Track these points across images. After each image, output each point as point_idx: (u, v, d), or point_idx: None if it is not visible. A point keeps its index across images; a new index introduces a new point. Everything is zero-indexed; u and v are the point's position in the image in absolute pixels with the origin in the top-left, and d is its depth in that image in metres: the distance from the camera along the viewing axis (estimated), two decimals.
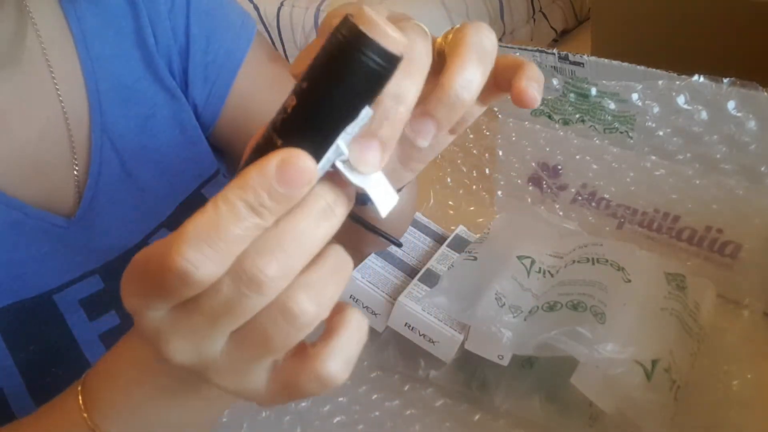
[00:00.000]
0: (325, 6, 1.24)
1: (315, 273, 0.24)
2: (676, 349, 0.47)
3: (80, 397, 0.33)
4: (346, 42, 0.22)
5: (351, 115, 0.23)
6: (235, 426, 0.51)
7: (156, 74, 0.54)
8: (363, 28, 0.21)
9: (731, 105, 0.50)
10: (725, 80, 0.50)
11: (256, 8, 1.33)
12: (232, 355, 0.26)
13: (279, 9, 1.30)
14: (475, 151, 0.73)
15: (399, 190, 0.42)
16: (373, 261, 0.57)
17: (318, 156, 0.23)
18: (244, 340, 0.25)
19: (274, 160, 0.22)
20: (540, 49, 0.61)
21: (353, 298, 0.55)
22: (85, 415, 0.33)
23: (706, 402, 0.48)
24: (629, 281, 0.51)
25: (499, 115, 0.67)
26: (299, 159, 0.22)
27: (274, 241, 0.23)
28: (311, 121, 0.23)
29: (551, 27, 1.33)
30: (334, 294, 0.25)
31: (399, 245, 0.45)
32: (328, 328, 0.27)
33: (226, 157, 0.63)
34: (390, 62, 0.22)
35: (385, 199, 0.26)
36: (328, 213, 0.24)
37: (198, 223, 0.22)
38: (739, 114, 0.50)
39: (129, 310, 0.26)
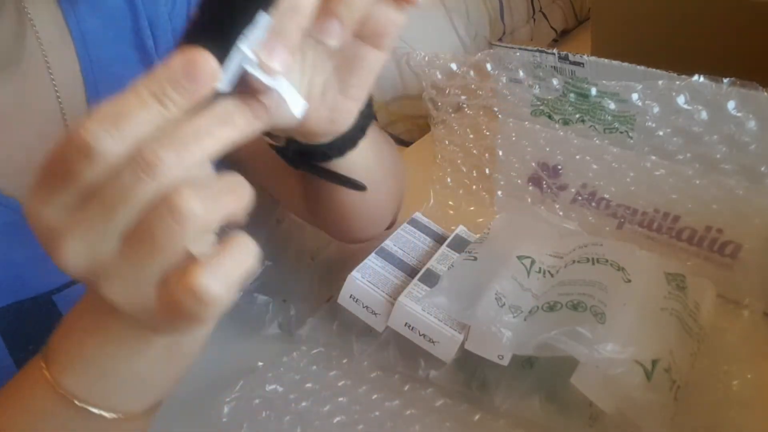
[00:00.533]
0: None
1: (209, 180, 0.26)
2: (676, 349, 0.47)
3: (44, 356, 0.33)
4: None
5: (246, 18, 0.26)
6: (235, 426, 0.51)
7: None
8: None
9: (731, 105, 0.50)
10: (725, 80, 0.50)
11: None
12: (122, 258, 0.26)
13: None
14: (475, 151, 0.73)
15: (357, 139, 0.44)
16: (373, 261, 0.57)
17: (220, 58, 0.26)
18: (134, 238, 0.26)
19: (180, 56, 0.25)
20: (540, 49, 0.61)
21: (353, 298, 0.55)
22: (46, 372, 0.33)
23: (706, 402, 0.48)
24: (629, 281, 0.51)
25: (499, 115, 0.67)
26: (200, 56, 0.24)
27: (174, 132, 0.25)
28: (211, 26, 0.26)
29: (551, 27, 1.33)
30: (225, 206, 0.26)
31: (362, 188, 0.46)
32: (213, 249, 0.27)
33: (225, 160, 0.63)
34: None
35: (296, 101, 0.30)
36: (228, 119, 0.27)
37: (107, 106, 0.25)
38: (739, 114, 0.50)
39: (29, 216, 0.27)
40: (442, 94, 0.69)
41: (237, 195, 0.27)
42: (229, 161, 0.61)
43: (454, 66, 0.65)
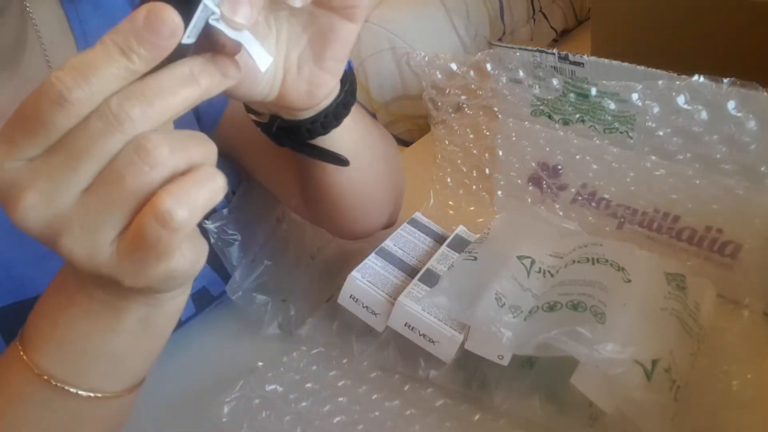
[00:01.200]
0: None
1: (174, 130, 0.27)
2: (676, 349, 0.47)
3: (19, 338, 0.34)
4: None
5: None
6: (235, 426, 0.51)
7: None
8: None
9: (731, 105, 0.50)
10: (725, 80, 0.50)
11: None
12: (84, 204, 0.27)
13: None
14: (475, 151, 0.73)
15: (341, 115, 0.45)
16: (373, 261, 0.57)
17: (185, 13, 0.26)
18: (97, 186, 0.26)
19: (143, 9, 0.25)
20: (540, 49, 0.61)
21: (353, 298, 0.55)
22: (22, 353, 0.33)
23: (706, 402, 0.48)
24: (629, 281, 0.51)
25: (499, 116, 0.67)
26: (163, 10, 0.25)
27: (139, 89, 0.26)
28: None
29: (551, 27, 1.33)
30: (190, 148, 0.27)
31: (345, 163, 0.47)
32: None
33: (227, 158, 0.63)
34: None
35: (262, 56, 0.30)
36: (191, 79, 0.27)
37: (76, 58, 0.25)
38: (739, 114, 0.50)
39: None
40: (442, 94, 0.69)
41: (202, 146, 0.28)
42: (227, 155, 0.61)
43: (454, 66, 0.65)
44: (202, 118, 0.57)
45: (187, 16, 0.26)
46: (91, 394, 0.34)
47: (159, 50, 0.25)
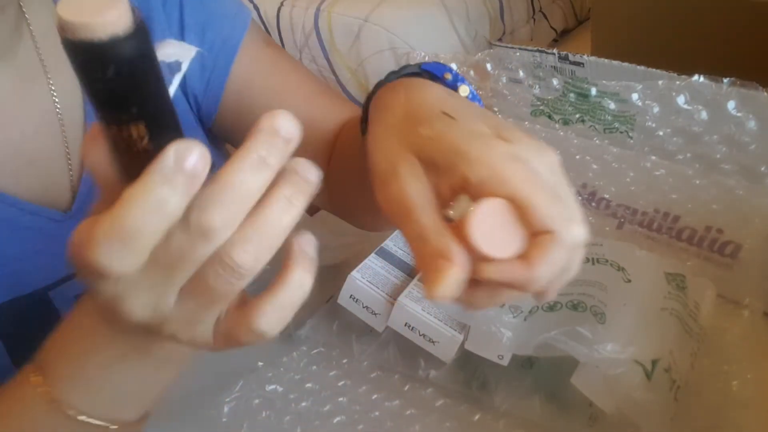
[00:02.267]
0: (325, 6, 1.24)
1: (251, 227, 0.26)
2: (676, 349, 0.47)
3: (39, 372, 0.34)
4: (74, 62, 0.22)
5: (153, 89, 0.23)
6: (235, 426, 0.51)
7: None
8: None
9: (731, 105, 0.50)
10: (725, 80, 0.51)
11: (256, 8, 1.33)
12: (183, 306, 0.28)
13: (279, 9, 1.30)
14: None
15: None
16: (373, 261, 0.57)
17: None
18: (192, 291, 0.27)
19: (170, 152, 0.24)
20: (540, 49, 0.61)
21: (353, 298, 0.55)
22: (44, 389, 0.33)
23: (706, 402, 0.48)
24: (629, 281, 0.51)
25: (499, 115, 0.67)
26: (192, 150, 0.24)
27: (215, 195, 0.25)
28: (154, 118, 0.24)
29: (551, 27, 1.33)
30: (272, 245, 0.27)
31: None
32: (271, 283, 0.29)
33: (223, 148, 0.63)
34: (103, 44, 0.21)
35: None
36: (262, 165, 0.26)
37: (105, 218, 0.24)
38: (739, 114, 0.50)
39: (83, 281, 0.27)
40: None
41: (279, 227, 0.27)
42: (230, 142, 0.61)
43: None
44: (202, 105, 0.57)
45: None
46: (107, 425, 0.34)
47: (193, 183, 0.24)
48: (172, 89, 0.25)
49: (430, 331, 0.51)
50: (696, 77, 0.51)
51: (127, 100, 0.22)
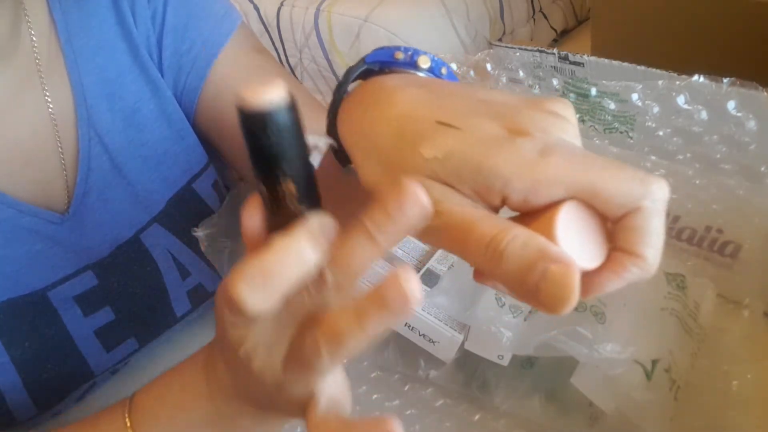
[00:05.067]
0: (325, 6, 1.24)
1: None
2: (676, 349, 0.47)
3: (128, 413, 0.35)
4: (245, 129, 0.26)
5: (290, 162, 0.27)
6: None
7: (142, 66, 0.53)
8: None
9: (731, 105, 0.50)
10: (725, 80, 0.50)
11: (256, 8, 1.33)
12: (289, 370, 0.29)
13: (279, 9, 1.30)
14: None
15: None
16: None
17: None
18: (293, 359, 0.29)
19: (316, 217, 0.27)
20: (540, 49, 0.61)
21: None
22: (129, 427, 0.34)
23: (706, 402, 0.48)
24: None
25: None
26: (331, 221, 0.27)
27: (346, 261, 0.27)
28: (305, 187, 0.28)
29: (551, 27, 1.33)
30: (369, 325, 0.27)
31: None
32: None
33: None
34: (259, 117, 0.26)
35: None
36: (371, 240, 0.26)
37: (253, 258, 0.25)
38: (739, 114, 0.50)
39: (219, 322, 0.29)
40: None
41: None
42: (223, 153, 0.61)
43: (454, 66, 0.65)
44: (180, 106, 0.56)
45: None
46: None
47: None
48: (315, 163, 0.29)
49: (430, 331, 0.51)
50: (696, 77, 0.51)
51: (279, 157, 0.26)
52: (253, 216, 0.28)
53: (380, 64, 0.34)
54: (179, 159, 0.56)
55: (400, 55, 0.33)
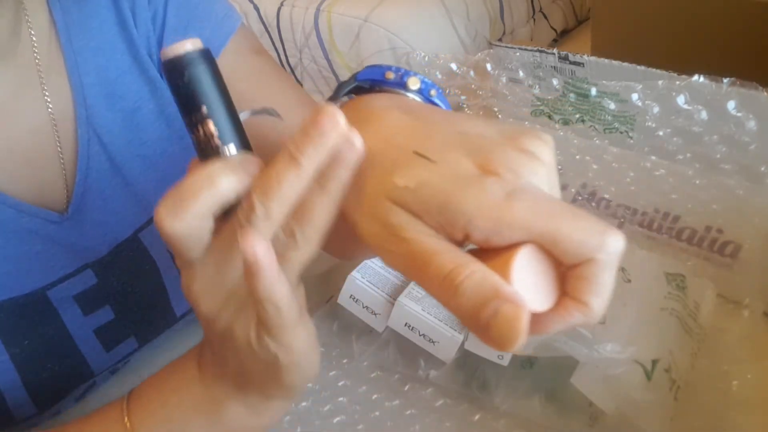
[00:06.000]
0: (325, 6, 1.24)
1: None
2: (676, 349, 0.47)
3: (126, 402, 0.36)
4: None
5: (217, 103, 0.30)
6: None
7: (141, 66, 0.54)
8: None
9: (731, 105, 0.50)
10: (725, 80, 0.51)
11: (256, 8, 1.33)
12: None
13: (279, 9, 1.30)
14: None
15: None
16: (373, 261, 0.57)
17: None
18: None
19: (238, 154, 0.30)
20: (540, 49, 0.61)
21: (353, 298, 0.55)
22: (127, 420, 0.36)
23: (706, 402, 0.48)
24: (629, 281, 0.51)
25: (499, 116, 0.67)
26: (256, 161, 0.30)
27: (259, 184, 0.29)
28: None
29: (551, 27, 1.34)
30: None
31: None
32: None
33: None
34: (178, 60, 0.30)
35: None
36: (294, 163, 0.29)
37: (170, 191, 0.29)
38: (739, 114, 0.50)
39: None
40: None
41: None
42: None
43: (454, 66, 0.65)
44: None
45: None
46: None
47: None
48: (243, 116, 0.32)
49: (430, 331, 0.51)
50: (696, 77, 0.51)
51: (197, 99, 0.30)
52: (193, 164, 0.30)
53: (371, 82, 0.35)
54: (178, 159, 0.56)
55: (390, 75, 0.34)
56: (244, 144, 0.31)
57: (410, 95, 0.34)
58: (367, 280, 0.55)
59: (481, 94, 0.67)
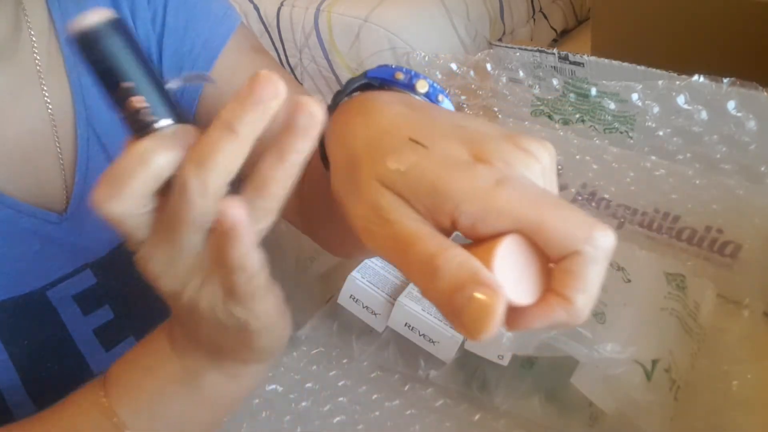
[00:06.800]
0: (325, 6, 1.24)
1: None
2: (676, 349, 0.47)
3: (104, 384, 0.36)
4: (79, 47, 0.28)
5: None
6: (235, 426, 0.51)
7: None
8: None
9: (731, 105, 0.50)
10: (725, 80, 0.50)
11: (256, 8, 1.33)
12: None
13: (279, 9, 1.30)
14: None
15: None
16: (373, 261, 0.57)
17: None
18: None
19: (171, 127, 0.28)
20: (540, 49, 0.61)
21: (353, 298, 0.55)
22: (104, 399, 0.36)
23: (706, 402, 0.48)
24: (629, 281, 0.51)
25: (499, 116, 0.67)
26: (190, 130, 0.28)
27: (189, 156, 0.28)
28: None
29: (551, 27, 1.33)
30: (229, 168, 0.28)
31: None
32: None
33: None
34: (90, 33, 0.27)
35: None
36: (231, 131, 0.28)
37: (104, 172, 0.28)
38: (739, 114, 0.50)
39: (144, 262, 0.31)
40: None
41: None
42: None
43: (454, 66, 0.65)
44: (182, 101, 0.57)
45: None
46: None
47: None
48: (174, 83, 0.30)
49: (430, 331, 0.51)
50: (696, 77, 0.51)
51: (117, 74, 0.27)
52: (128, 143, 0.29)
53: (380, 81, 0.35)
54: None
55: (400, 76, 0.34)
56: (176, 114, 0.29)
57: (417, 97, 0.34)
58: (367, 280, 0.55)
59: (481, 94, 0.67)
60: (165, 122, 0.28)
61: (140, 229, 0.29)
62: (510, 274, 0.24)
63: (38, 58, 0.49)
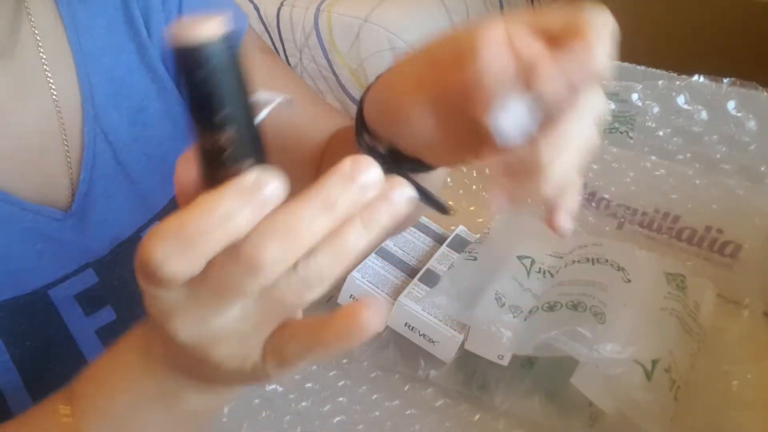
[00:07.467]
0: (325, 6, 1.24)
1: (323, 244, 0.25)
2: (676, 349, 0.47)
3: (68, 402, 0.34)
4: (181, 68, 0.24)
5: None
6: (235, 426, 0.51)
7: (149, 66, 0.54)
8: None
9: (731, 105, 0.50)
10: (725, 80, 0.50)
11: (256, 8, 1.33)
12: (241, 320, 0.26)
13: (279, 9, 1.30)
14: None
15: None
16: (373, 261, 0.57)
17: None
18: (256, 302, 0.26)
19: (252, 173, 0.23)
20: None
21: (353, 298, 0.55)
22: (71, 419, 0.33)
23: (706, 402, 0.48)
24: (629, 281, 0.51)
25: None
26: (273, 177, 0.23)
27: (271, 230, 0.23)
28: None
29: None
30: (339, 262, 0.26)
31: (446, 212, 0.43)
32: None
33: None
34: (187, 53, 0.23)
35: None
36: (328, 209, 0.24)
37: (173, 217, 0.23)
38: (739, 114, 0.50)
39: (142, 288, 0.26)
40: None
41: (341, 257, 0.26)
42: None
43: None
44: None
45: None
46: None
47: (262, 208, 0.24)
48: (259, 118, 0.25)
49: (430, 331, 0.51)
50: (696, 77, 0.51)
51: (213, 101, 0.23)
52: (186, 169, 0.25)
53: None
54: None
55: None
56: (261, 155, 0.25)
57: None
58: (367, 280, 0.55)
59: None
60: (248, 163, 0.24)
61: (180, 286, 0.25)
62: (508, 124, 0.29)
63: (44, 53, 0.49)
